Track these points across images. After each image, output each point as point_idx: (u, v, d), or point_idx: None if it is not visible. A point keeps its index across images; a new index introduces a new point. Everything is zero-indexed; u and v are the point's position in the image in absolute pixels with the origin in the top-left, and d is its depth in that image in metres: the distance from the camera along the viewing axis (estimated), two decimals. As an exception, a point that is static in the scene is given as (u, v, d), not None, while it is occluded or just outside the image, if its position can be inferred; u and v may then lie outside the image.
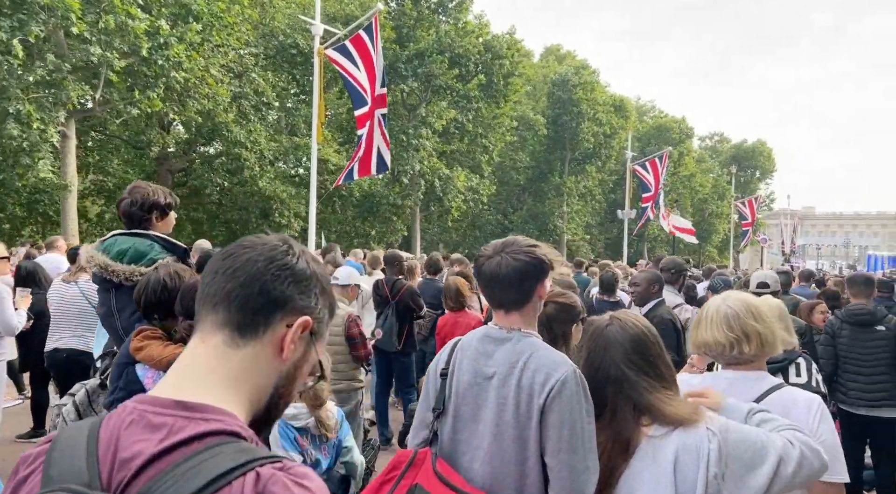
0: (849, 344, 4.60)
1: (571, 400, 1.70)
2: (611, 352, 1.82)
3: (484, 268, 1.87)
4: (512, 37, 27.76)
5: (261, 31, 23.18)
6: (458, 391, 1.89)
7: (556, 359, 1.78)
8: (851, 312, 4.65)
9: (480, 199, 29.37)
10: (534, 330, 1.92)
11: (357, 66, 15.13)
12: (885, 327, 4.57)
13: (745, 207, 42.83)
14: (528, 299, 1.86)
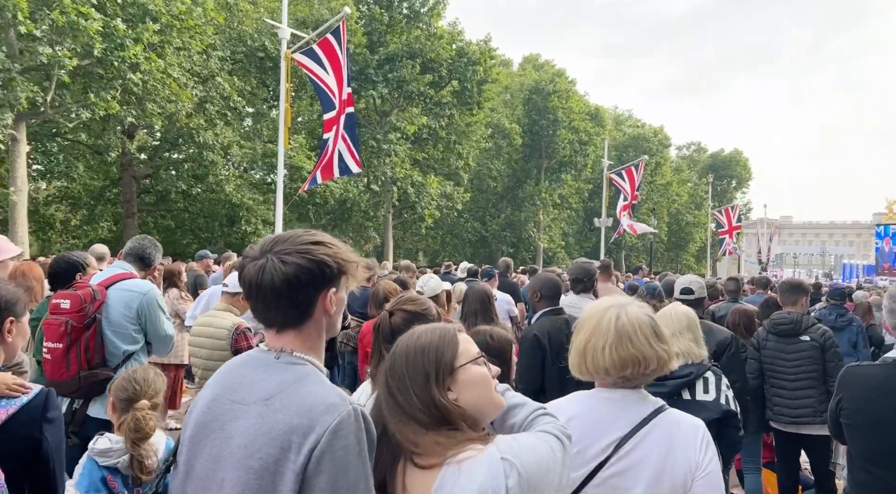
0: (773, 356, 4.26)
1: (347, 457, 1.22)
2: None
3: (244, 274, 1.39)
4: (486, 43, 27.61)
5: (228, 35, 22.74)
6: (190, 436, 1.39)
7: (325, 399, 1.28)
8: (774, 321, 4.31)
9: (455, 207, 29.06)
10: (316, 355, 1.42)
11: (325, 69, 14.80)
12: (809, 337, 4.20)
13: (723, 216, 43.11)
14: (305, 315, 1.38)
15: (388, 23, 26.04)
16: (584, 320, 1.86)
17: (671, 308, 2.84)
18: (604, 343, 1.76)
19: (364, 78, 25.01)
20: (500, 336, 2.44)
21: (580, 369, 1.82)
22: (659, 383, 2.71)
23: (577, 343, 1.82)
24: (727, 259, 62.84)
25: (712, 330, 3.46)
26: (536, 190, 35.76)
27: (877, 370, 2.11)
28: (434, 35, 26.24)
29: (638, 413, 1.78)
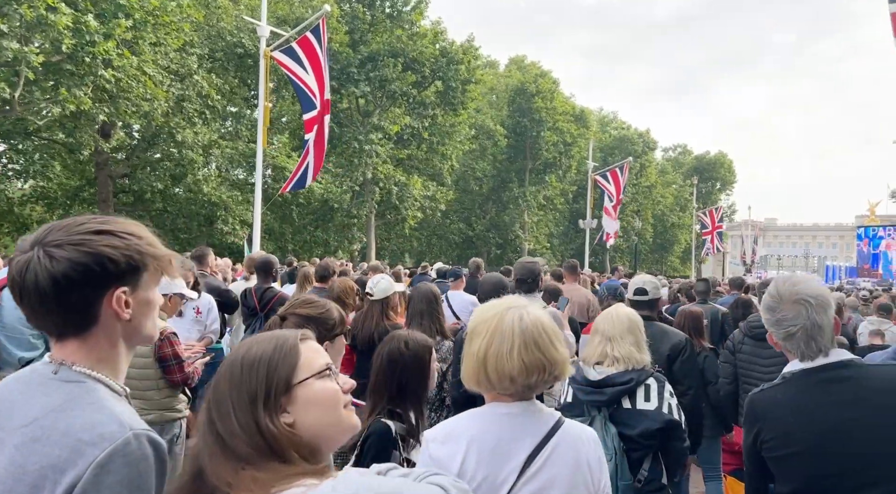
0: (748, 360, 4.08)
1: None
2: None
3: (8, 272, 1.15)
4: (469, 43, 27.44)
5: (206, 33, 22.41)
6: None
7: (96, 426, 1.04)
8: (751, 324, 4.14)
9: (438, 207, 28.86)
10: (108, 368, 1.17)
11: (305, 68, 14.56)
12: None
13: (707, 217, 43.27)
14: (86, 321, 1.14)
15: (370, 21, 25.81)
16: (479, 324, 1.66)
17: (613, 309, 2.67)
18: (510, 346, 1.58)
19: (346, 77, 24.77)
20: (418, 342, 2.25)
21: (477, 379, 1.62)
22: (597, 391, 2.54)
23: (474, 349, 1.62)
24: (712, 260, 63.20)
25: (666, 333, 3.29)
26: (521, 191, 35.66)
27: (780, 391, 1.89)
28: (417, 34, 26.04)
29: (540, 428, 1.62)
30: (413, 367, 2.17)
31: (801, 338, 1.81)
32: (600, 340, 2.60)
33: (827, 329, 1.80)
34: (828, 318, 1.80)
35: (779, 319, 1.84)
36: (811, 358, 1.83)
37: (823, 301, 1.81)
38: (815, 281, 1.88)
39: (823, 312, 1.80)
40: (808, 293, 1.81)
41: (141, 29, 16.16)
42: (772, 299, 1.87)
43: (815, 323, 1.79)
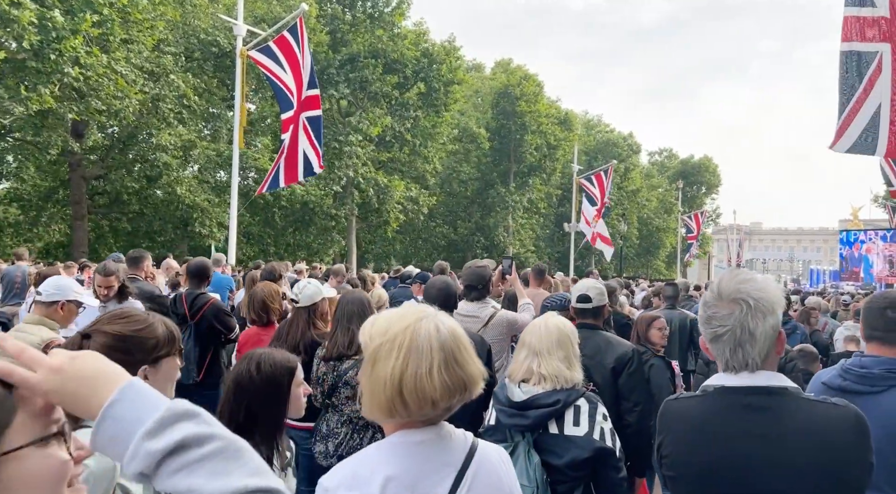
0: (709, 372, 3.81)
1: None
2: None
3: None
4: (451, 43, 27.17)
5: (183, 32, 21.97)
6: None
7: None
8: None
9: (421, 210, 28.52)
10: None
11: (283, 67, 14.24)
12: None
13: (692, 221, 43.30)
14: None
15: (351, 22, 25.49)
16: (386, 340, 1.34)
17: (542, 320, 2.35)
18: (429, 365, 1.30)
19: (326, 78, 24.43)
20: (274, 363, 1.90)
21: (391, 408, 1.32)
22: (520, 413, 2.22)
23: (385, 372, 1.31)
24: (698, 264, 63.38)
25: (611, 343, 2.99)
26: (506, 194, 35.43)
27: (694, 404, 1.60)
28: (398, 35, 25.75)
29: (457, 455, 1.37)
30: (264, 393, 1.84)
31: (728, 343, 1.50)
32: (526, 355, 2.29)
33: (761, 339, 1.49)
34: (765, 327, 1.49)
35: (709, 316, 1.54)
36: (734, 370, 1.53)
37: (766, 305, 1.50)
38: (767, 283, 1.56)
39: (761, 318, 1.49)
40: (750, 292, 1.51)
41: (109, 25, 15.72)
42: (711, 294, 1.57)
43: (746, 329, 1.49)
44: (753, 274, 1.58)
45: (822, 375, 2.43)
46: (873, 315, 2.32)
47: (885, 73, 6.41)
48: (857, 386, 2.25)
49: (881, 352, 2.28)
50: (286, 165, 14.08)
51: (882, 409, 2.17)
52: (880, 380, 2.21)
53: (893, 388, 2.20)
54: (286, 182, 14.66)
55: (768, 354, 1.51)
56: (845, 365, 2.34)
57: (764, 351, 1.49)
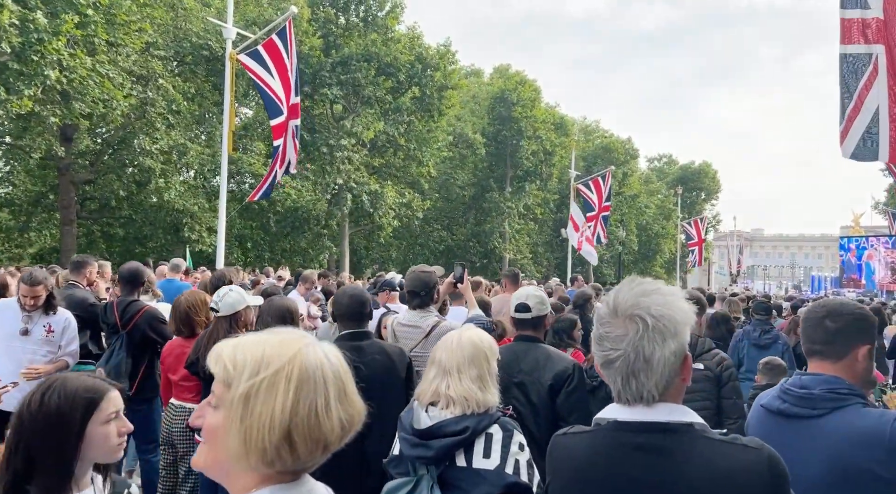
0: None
1: None
2: None
3: None
4: (445, 47, 26.96)
5: (173, 35, 21.79)
6: None
7: None
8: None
9: (415, 216, 28.25)
10: None
11: (271, 72, 14.03)
12: (703, 365, 3.35)
13: (691, 227, 42.96)
14: None
15: (344, 26, 25.31)
16: (267, 374, 1.03)
17: (455, 334, 2.06)
18: (325, 399, 1.03)
19: (318, 81, 24.23)
20: (69, 393, 1.52)
21: (273, 455, 1.00)
22: (423, 443, 1.93)
23: (269, 411, 1.00)
24: (697, 270, 62.90)
25: (550, 358, 2.69)
26: (502, 199, 35.18)
27: (583, 441, 1.32)
28: (391, 39, 25.55)
29: None
30: (44, 432, 1.47)
31: (620, 370, 1.22)
32: (436, 374, 2.00)
33: (658, 368, 1.20)
34: (664, 353, 1.20)
35: (601, 336, 1.26)
36: (628, 402, 1.24)
37: (667, 326, 1.21)
38: (673, 298, 1.27)
39: (660, 341, 1.20)
40: (650, 309, 1.22)
41: (93, 27, 15.50)
42: (605, 307, 1.29)
43: (641, 354, 1.20)
44: (658, 286, 1.29)
45: (763, 397, 2.13)
46: (812, 326, 1.99)
47: (881, 75, 6.18)
48: (796, 408, 1.95)
49: (823, 369, 1.99)
50: (279, 172, 13.92)
51: (824, 435, 1.88)
52: (822, 402, 1.91)
53: (837, 411, 1.90)
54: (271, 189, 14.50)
55: (669, 384, 1.22)
56: (784, 385, 2.05)
57: (662, 381, 1.21)
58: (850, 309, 2.00)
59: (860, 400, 1.96)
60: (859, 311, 2.01)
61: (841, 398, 1.95)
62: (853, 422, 1.91)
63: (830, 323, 1.97)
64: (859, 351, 2.00)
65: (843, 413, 1.94)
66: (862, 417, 1.90)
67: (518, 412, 2.54)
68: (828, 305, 2.01)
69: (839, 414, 1.94)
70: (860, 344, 2.00)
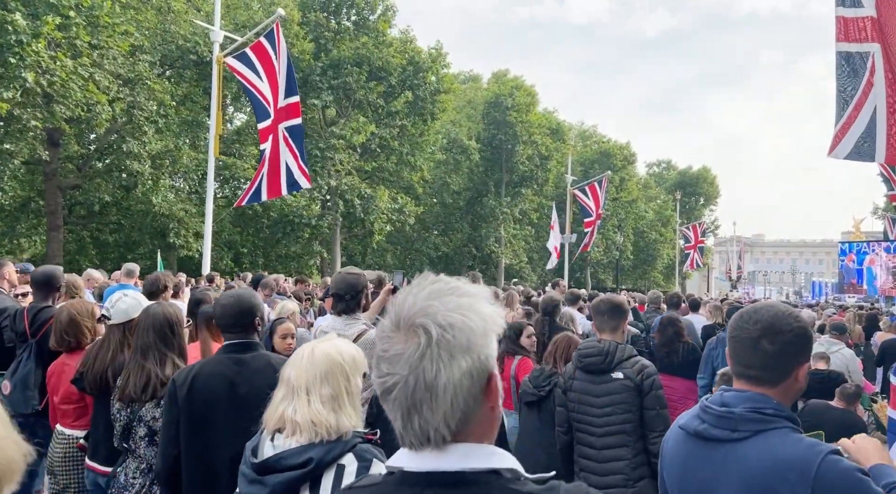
0: (579, 399, 3.15)
1: None
2: None
3: None
4: (438, 51, 26.72)
5: (161, 39, 21.59)
6: None
7: None
8: (581, 353, 3.23)
9: (408, 220, 27.95)
10: None
11: (259, 75, 13.78)
12: (623, 374, 3.10)
13: (690, 231, 42.62)
14: None
15: (335, 30, 25.10)
16: None
17: (308, 347, 1.74)
18: None
19: (308, 85, 24.00)
20: None
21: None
22: (259, 481, 1.61)
23: None
24: (697, 276, 62.54)
25: None
26: (497, 203, 34.88)
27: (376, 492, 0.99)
28: (383, 43, 25.34)
29: None
30: None
31: (400, 404, 0.91)
32: (284, 395, 1.68)
33: (446, 395, 0.89)
34: (452, 374, 0.88)
35: (379, 358, 0.94)
36: (414, 446, 0.93)
37: (457, 338, 0.89)
38: (475, 299, 0.95)
39: (446, 360, 0.88)
40: (437, 316, 0.90)
41: (74, 29, 15.27)
42: (387, 317, 0.96)
43: (422, 382, 0.88)
44: (456, 285, 0.97)
45: (683, 415, 1.82)
46: (744, 348, 1.68)
47: (879, 75, 5.98)
48: (715, 430, 1.65)
49: (749, 387, 1.68)
50: (269, 178, 13.60)
51: (743, 461, 1.58)
52: (743, 423, 1.61)
53: (760, 435, 1.59)
54: (269, 195, 14.14)
55: (467, 418, 0.91)
56: (704, 403, 1.74)
57: (455, 414, 0.89)
58: (789, 325, 1.67)
59: (789, 424, 1.65)
60: (798, 326, 1.69)
61: (766, 419, 1.64)
62: (777, 450, 1.60)
63: (768, 344, 1.65)
64: (799, 372, 1.69)
65: (767, 438, 1.63)
66: (788, 444, 1.60)
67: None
68: (761, 321, 1.67)
69: (762, 439, 1.63)
70: (800, 364, 1.69)
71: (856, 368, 6.06)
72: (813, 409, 4.93)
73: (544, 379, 3.99)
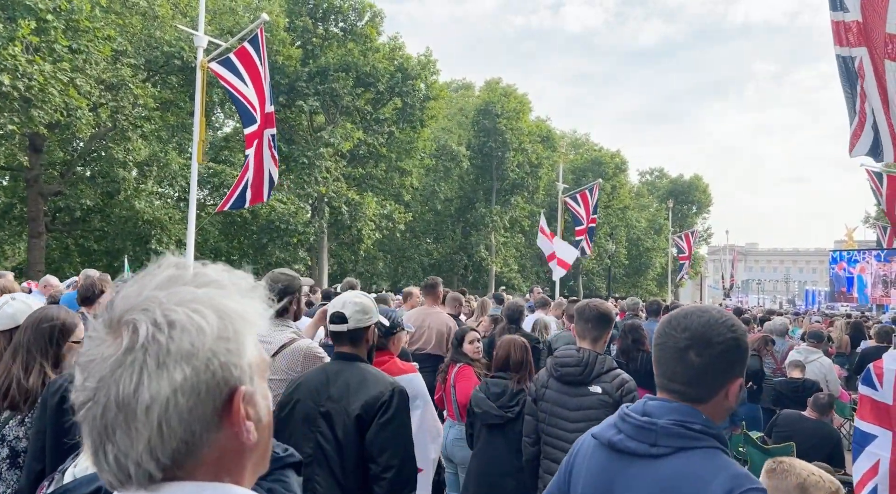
0: (551, 411, 2.91)
1: None
2: None
3: None
4: (427, 58, 26.63)
5: (145, 44, 21.42)
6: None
7: None
8: (557, 361, 2.98)
9: (397, 227, 27.74)
10: None
11: (244, 80, 13.62)
12: (601, 388, 2.87)
13: (682, 241, 42.56)
14: None
15: (323, 36, 24.99)
16: None
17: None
18: None
19: (295, 91, 23.84)
20: None
21: None
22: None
23: None
24: (690, 284, 62.50)
25: (365, 381, 2.13)
26: (487, 211, 34.72)
27: None
28: (370, 49, 25.23)
29: None
30: None
31: (89, 428, 0.69)
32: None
33: (145, 424, 0.66)
34: (162, 389, 0.67)
35: (76, 365, 0.73)
36: (113, 486, 0.70)
37: (181, 339, 0.68)
38: (226, 289, 0.76)
39: (152, 372, 0.66)
40: (162, 308, 0.70)
41: (52, 32, 15.07)
42: (103, 313, 0.75)
43: (113, 399, 0.67)
44: (207, 273, 0.76)
45: (600, 425, 1.62)
46: (668, 357, 1.47)
47: (869, 77, 5.94)
48: (632, 442, 1.44)
49: (676, 398, 1.47)
50: (253, 184, 13.45)
51: (657, 481, 1.37)
52: (665, 438, 1.40)
53: (682, 452, 1.38)
54: (252, 201, 13.99)
55: (192, 449, 0.68)
56: (624, 410, 1.53)
57: (169, 443, 0.67)
58: (722, 335, 1.45)
59: (716, 444, 1.44)
60: (732, 338, 1.46)
61: (691, 436, 1.43)
62: (697, 472, 1.39)
63: (695, 356, 1.43)
64: (730, 388, 1.47)
65: (689, 457, 1.42)
66: (710, 468, 1.39)
67: (322, 449, 2.00)
68: (690, 328, 1.45)
69: (684, 457, 1.42)
70: (731, 380, 1.47)
71: (833, 377, 5.87)
72: (786, 419, 4.74)
73: (510, 398, 3.69)
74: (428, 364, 5.16)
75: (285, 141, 24.12)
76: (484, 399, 3.76)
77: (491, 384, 3.81)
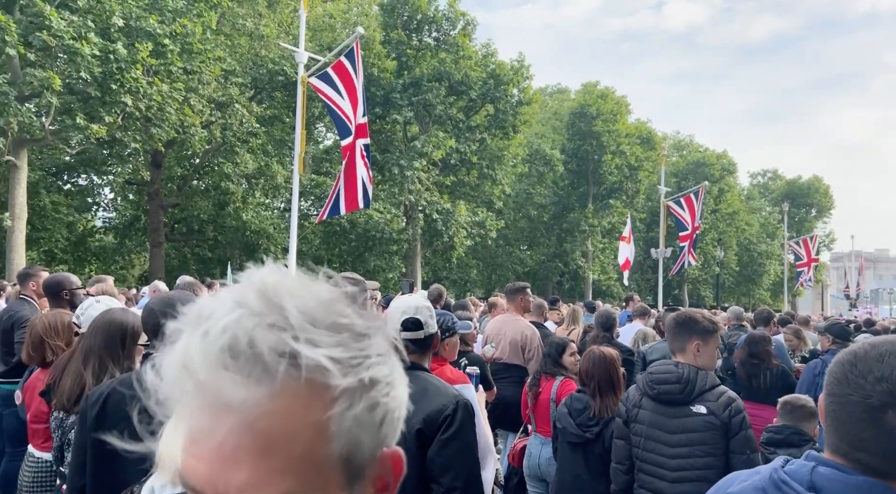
0: (647, 434, 2.55)
1: None
2: None
3: None
4: (520, 63, 26.31)
5: (252, 63, 22.70)
6: None
7: None
8: (653, 378, 2.62)
9: (489, 235, 27.55)
10: None
11: (340, 93, 14.14)
12: (706, 408, 2.49)
13: (800, 247, 39.29)
14: None
15: (417, 47, 25.36)
16: None
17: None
18: None
19: (389, 102, 24.32)
20: None
21: None
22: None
23: None
24: (810, 294, 57.55)
25: (427, 392, 1.90)
26: (583, 216, 33.70)
27: None
28: (462, 57, 25.30)
29: None
30: None
31: None
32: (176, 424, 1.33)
33: None
34: None
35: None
36: None
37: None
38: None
39: None
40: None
41: (168, 55, 16.23)
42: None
43: None
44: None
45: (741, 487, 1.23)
46: (853, 417, 1.07)
47: None
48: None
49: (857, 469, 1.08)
50: (346, 192, 13.84)
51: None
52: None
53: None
54: (347, 209, 14.39)
55: None
56: (780, 475, 1.11)
57: None
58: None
59: None
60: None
61: None
62: None
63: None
64: None
65: None
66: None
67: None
68: (889, 377, 1.05)
69: None
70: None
71: None
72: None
73: (590, 418, 3.39)
74: (504, 374, 4.92)
75: (380, 151, 24.64)
76: (565, 414, 3.49)
77: (575, 399, 3.49)
